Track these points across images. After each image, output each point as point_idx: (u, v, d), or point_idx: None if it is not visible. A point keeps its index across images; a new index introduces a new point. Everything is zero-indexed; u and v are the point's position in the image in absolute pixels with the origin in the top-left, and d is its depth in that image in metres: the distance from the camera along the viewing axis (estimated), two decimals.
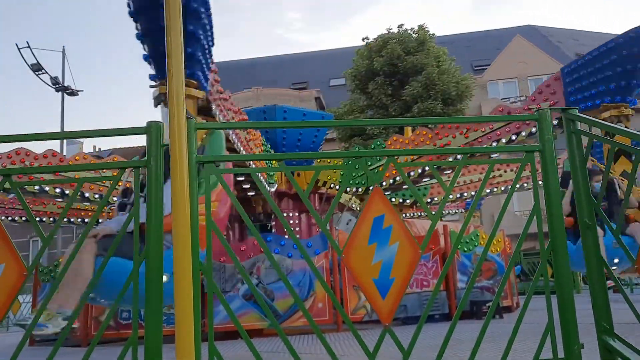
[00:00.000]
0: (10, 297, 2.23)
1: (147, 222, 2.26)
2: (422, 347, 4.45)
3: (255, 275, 7.37)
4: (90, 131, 2.58)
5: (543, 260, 2.52)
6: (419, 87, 21.65)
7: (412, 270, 2.39)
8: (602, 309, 2.45)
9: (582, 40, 35.21)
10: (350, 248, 2.38)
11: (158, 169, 2.31)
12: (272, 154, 8.33)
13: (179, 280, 2.12)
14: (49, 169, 6.75)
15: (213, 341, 2.27)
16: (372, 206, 2.43)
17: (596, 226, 2.55)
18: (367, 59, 23.23)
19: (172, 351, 2.06)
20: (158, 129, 2.36)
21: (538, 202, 2.57)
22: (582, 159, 2.60)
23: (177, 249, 2.13)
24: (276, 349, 5.34)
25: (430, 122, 6.31)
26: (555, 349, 2.40)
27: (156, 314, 2.20)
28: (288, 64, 37.69)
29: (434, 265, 8.23)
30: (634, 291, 13.32)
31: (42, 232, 2.41)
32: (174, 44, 2.21)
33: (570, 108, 2.71)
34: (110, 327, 7.32)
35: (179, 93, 2.19)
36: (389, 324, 2.32)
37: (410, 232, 2.43)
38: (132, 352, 2.24)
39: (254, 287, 2.41)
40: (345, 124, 6.76)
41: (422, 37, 23.24)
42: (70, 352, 6.45)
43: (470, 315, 7.90)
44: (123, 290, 2.32)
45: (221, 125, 5.96)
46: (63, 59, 22.51)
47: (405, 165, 6.82)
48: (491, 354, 3.79)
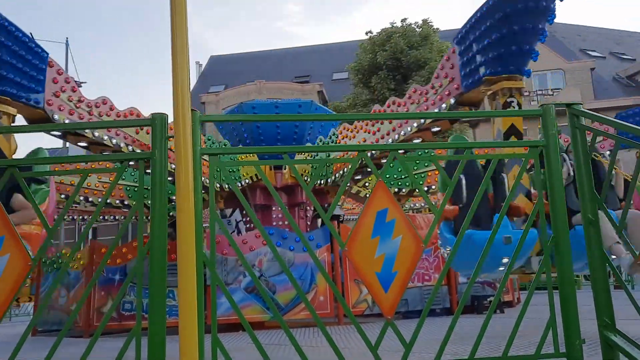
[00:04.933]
0: (15, 287, 2.25)
1: (151, 212, 2.26)
2: (423, 341, 4.47)
3: (257, 268, 7.40)
4: (94, 122, 2.58)
5: (545, 256, 2.52)
6: (422, 81, 21.57)
7: (414, 263, 2.40)
8: (604, 304, 2.46)
9: (586, 36, 35.05)
10: (353, 241, 2.39)
11: (162, 161, 2.31)
12: (271, 147, 8.32)
13: (182, 272, 2.13)
14: (55, 159, 6.80)
15: (216, 333, 2.29)
16: (375, 200, 2.43)
17: (599, 222, 2.56)
18: (371, 52, 23.18)
19: (175, 342, 2.07)
20: (162, 121, 2.37)
21: (541, 197, 2.57)
22: (585, 154, 2.60)
23: (180, 242, 2.13)
24: (278, 342, 5.36)
25: (427, 116, 6.25)
26: (556, 344, 2.40)
27: (160, 305, 2.21)
28: (291, 57, 37.60)
29: (435, 260, 8.24)
30: (634, 287, 13.32)
31: (47, 222, 2.42)
32: (179, 37, 2.21)
33: (573, 103, 2.70)
34: (112, 318, 7.35)
35: (183, 86, 2.19)
36: (391, 317, 2.33)
37: (413, 226, 2.44)
38: (135, 343, 2.26)
39: (257, 279, 2.42)
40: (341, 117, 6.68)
41: (426, 31, 23.18)
42: (73, 343, 6.48)
43: (471, 310, 7.92)
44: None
45: (223, 117, 5.98)
46: (66, 51, 22.54)
47: (410, 159, 6.95)
48: (493, 348, 3.80)
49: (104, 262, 2.56)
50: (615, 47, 33.44)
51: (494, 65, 5.49)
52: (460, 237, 2.53)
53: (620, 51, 32.45)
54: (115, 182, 2.58)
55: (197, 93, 30.54)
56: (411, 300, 7.80)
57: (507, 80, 5.47)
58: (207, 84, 33.87)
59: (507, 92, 5.47)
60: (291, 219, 2.52)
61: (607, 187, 2.79)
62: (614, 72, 29.33)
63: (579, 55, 31.98)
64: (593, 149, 2.70)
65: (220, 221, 2.43)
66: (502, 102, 5.48)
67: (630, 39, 35.00)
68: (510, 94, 5.46)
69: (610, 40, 34.36)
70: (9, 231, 2.28)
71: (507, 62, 5.44)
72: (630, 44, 33.65)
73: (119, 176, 2.49)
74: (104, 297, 7.66)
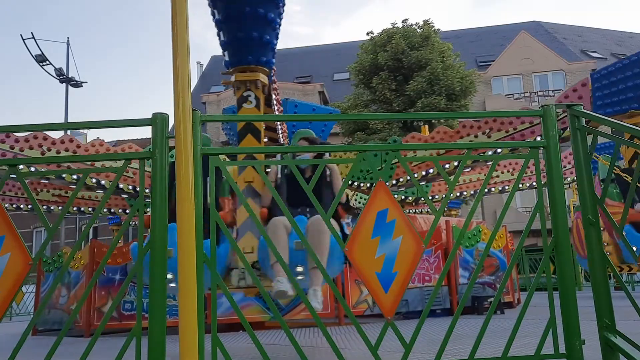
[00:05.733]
0: (15, 287, 2.25)
1: (151, 213, 2.26)
2: (423, 341, 4.47)
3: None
4: (95, 122, 2.59)
5: (546, 257, 2.52)
6: (423, 82, 21.59)
7: (415, 264, 2.40)
8: (604, 305, 2.46)
9: (587, 37, 35.05)
10: (354, 241, 2.39)
11: (163, 161, 2.32)
12: (274, 147, 8.33)
13: (182, 271, 2.13)
14: (54, 159, 6.72)
15: (216, 333, 2.29)
16: (375, 200, 2.43)
17: (599, 223, 2.56)
18: (372, 53, 23.17)
19: (176, 342, 2.07)
20: (163, 120, 2.37)
21: (541, 199, 2.57)
22: (586, 155, 2.60)
23: (181, 241, 2.13)
24: (278, 342, 5.36)
25: (433, 117, 6.28)
26: (556, 345, 2.40)
27: (160, 305, 2.21)
28: (292, 57, 37.60)
29: (435, 260, 8.23)
30: (635, 288, 13.32)
31: (47, 222, 2.42)
32: (180, 37, 2.21)
33: (575, 104, 2.70)
34: (112, 317, 7.36)
35: (184, 84, 2.19)
36: (391, 317, 2.33)
37: (413, 226, 2.44)
38: (135, 342, 2.26)
39: (258, 280, 2.42)
40: (350, 117, 6.72)
41: (427, 32, 23.16)
42: (73, 342, 6.48)
43: (471, 311, 7.91)
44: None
45: (224, 117, 5.96)
46: (67, 50, 22.54)
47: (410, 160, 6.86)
48: (492, 349, 3.80)
49: (105, 261, 2.56)
50: (617, 48, 33.44)
51: (630, 102, 6.93)
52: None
53: (622, 52, 32.42)
54: (116, 181, 2.58)
55: (198, 93, 30.57)
56: (411, 300, 7.79)
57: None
58: (208, 84, 33.89)
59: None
60: (292, 219, 2.52)
61: (608, 187, 2.78)
62: None
63: (580, 56, 32.00)
64: (593, 150, 2.70)
65: (220, 221, 2.43)
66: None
67: (631, 40, 35.01)
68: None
69: (611, 41, 34.37)
70: (9, 230, 2.28)
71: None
72: (631, 45, 33.64)
73: (119, 176, 2.49)
74: (104, 296, 7.66)
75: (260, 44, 5.69)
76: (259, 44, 5.68)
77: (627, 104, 6.99)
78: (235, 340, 5.79)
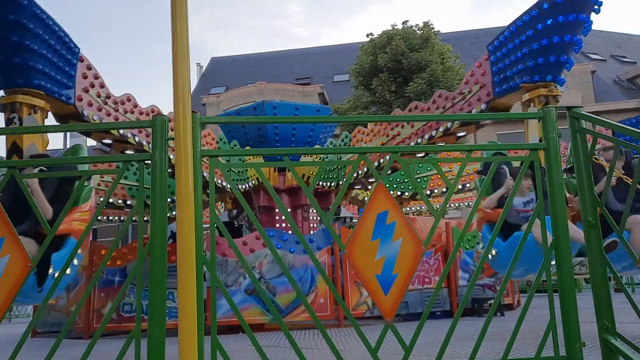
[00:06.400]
0: (15, 288, 2.25)
1: (151, 214, 2.26)
2: (423, 343, 4.46)
3: (257, 270, 7.40)
4: (94, 124, 2.59)
5: (546, 258, 2.52)
6: (423, 84, 21.57)
7: (415, 266, 2.40)
8: (604, 307, 2.45)
9: (586, 39, 34.93)
10: (354, 244, 2.39)
11: (163, 162, 2.31)
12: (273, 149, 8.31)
13: (182, 273, 2.12)
14: (54, 161, 6.71)
15: (216, 335, 2.28)
16: (375, 202, 2.43)
17: (599, 225, 2.55)
18: (371, 55, 23.17)
19: (175, 344, 2.07)
20: (163, 122, 2.37)
21: (542, 200, 2.56)
22: (586, 157, 2.60)
23: (180, 243, 2.13)
24: (277, 344, 5.35)
25: (432, 119, 6.26)
26: (557, 347, 2.40)
27: (159, 307, 2.20)
28: (292, 59, 37.61)
29: (435, 262, 8.23)
30: (635, 290, 13.31)
31: (47, 224, 2.42)
32: (180, 41, 2.21)
33: (574, 106, 2.70)
34: (112, 319, 7.35)
35: (184, 87, 2.20)
36: (391, 319, 2.33)
37: (413, 229, 2.43)
38: (135, 344, 2.25)
39: (257, 281, 2.41)
40: (343, 119, 6.68)
41: (427, 33, 23.16)
42: (73, 344, 6.48)
43: (471, 313, 7.91)
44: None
45: (224, 119, 5.97)
46: None
47: (410, 162, 6.86)
48: (493, 351, 3.80)
49: (104, 263, 2.56)
50: (616, 50, 33.44)
51: (532, 74, 5.88)
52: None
53: (621, 54, 32.44)
54: (116, 182, 2.58)
55: (198, 94, 30.56)
56: (411, 302, 7.79)
57: (544, 87, 5.85)
58: (207, 86, 33.88)
59: (543, 99, 5.86)
60: (291, 220, 2.52)
61: (608, 189, 2.78)
62: (615, 75, 29.32)
63: (580, 58, 31.94)
64: (593, 152, 2.70)
65: (220, 222, 2.43)
66: (537, 108, 5.70)
67: (631, 42, 35.00)
68: (546, 101, 5.83)
69: (611, 43, 34.36)
70: (9, 232, 2.28)
71: (544, 71, 5.82)
72: (631, 47, 33.65)
73: (119, 177, 2.49)
74: (103, 298, 7.66)
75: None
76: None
77: (520, 77, 5.96)
78: (235, 342, 5.78)
